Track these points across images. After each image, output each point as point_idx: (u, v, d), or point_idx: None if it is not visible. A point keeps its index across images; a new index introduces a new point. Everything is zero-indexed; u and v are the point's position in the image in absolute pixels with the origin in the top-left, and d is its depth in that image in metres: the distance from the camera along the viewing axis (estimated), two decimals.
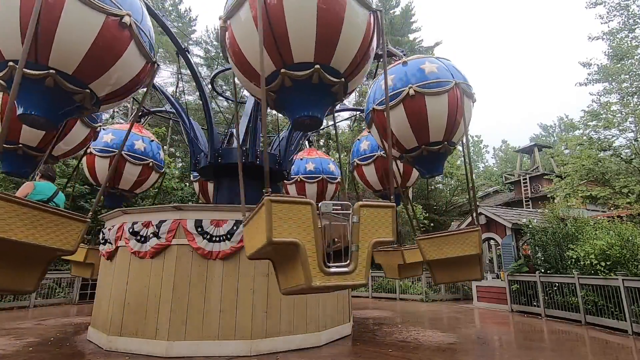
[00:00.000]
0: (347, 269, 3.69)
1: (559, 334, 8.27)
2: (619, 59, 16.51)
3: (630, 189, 13.66)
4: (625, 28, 16.62)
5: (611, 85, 17.38)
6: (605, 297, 8.84)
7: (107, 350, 6.37)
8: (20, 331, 8.01)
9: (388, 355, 6.23)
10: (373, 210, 4.06)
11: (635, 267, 9.15)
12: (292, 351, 6.41)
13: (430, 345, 7.01)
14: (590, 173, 15.24)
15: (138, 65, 4.92)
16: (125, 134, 5.52)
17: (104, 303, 7.09)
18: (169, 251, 6.58)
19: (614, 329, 8.43)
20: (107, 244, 7.48)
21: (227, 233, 6.55)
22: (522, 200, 26.53)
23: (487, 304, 12.50)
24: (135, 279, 6.70)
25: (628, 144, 15.56)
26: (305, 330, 6.78)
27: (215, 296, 6.36)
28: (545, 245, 11.36)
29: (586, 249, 9.89)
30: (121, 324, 6.50)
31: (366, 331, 8.36)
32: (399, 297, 14.87)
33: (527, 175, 27.35)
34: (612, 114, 15.96)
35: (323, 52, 4.46)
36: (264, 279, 6.62)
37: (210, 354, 6.04)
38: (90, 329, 7.46)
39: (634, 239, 9.70)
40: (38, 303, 12.12)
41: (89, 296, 13.14)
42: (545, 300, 10.45)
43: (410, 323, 9.47)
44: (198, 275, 6.43)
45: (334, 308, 7.57)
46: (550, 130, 52.89)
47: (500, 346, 7.34)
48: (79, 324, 9.05)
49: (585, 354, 6.78)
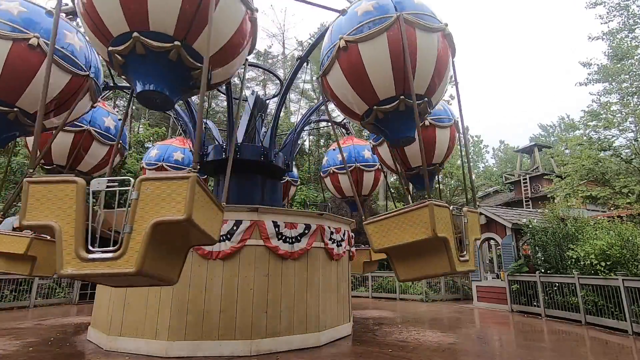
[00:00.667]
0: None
1: (559, 334, 8.27)
2: (619, 59, 16.52)
3: (630, 189, 13.66)
4: (625, 28, 16.63)
5: (611, 85, 17.39)
6: (605, 297, 8.84)
7: (107, 350, 6.37)
8: (20, 331, 8.01)
9: (388, 355, 6.23)
10: (472, 214, 4.96)
11: (635, 267, 9.15)
12: (292, 351, 6.41)
13: (430, 345, 7.01)
14: (590, 173, 15.24)
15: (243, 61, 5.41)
16: None
17: (104, 303, 7.09)
18: None
19: (614, 329, 8.43)
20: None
21: (227, 233, 6.55)
22: (522, 200, 26.53)
23: (487, 304, 12.51)
24: None
25: (628, 144, 15.57)
26: (305, 330, 6.78)
27: (215, 296, 6.36)
28: (545, 245, 11.36)
29: (586, 249, 9.90)
30: (121, 324, 6.50)
31: (366, 331, 8.36)
32: (399, 297, 14.87)
33: (527, 175, 27.35)
34: (612, 114, 15.97)
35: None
36: (264, 279, 6.62)
37: (210, 354, 6.04)
38: (90, 329, 7.46)
39: (634, 239, 9.70)
40: (38, 303, 12.12)
41: (89, 296, 13.14)
42: (545, 300, 10.45)
43: (410, 323, 9.47)
44: (198, 275, 6.43)
45: (334, 308, 7.57)
46: (551, 130, 52.87)
47: (500, 346, 7.34)
48: (79, 324, 9.05)
49: (585, 354, 6.78)
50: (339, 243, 7.93)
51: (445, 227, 4.42)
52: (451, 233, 4.49)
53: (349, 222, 8.89)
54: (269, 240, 6.72)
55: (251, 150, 8.33)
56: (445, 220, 4.44)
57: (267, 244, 6.71)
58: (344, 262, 8.45)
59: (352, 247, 9.18)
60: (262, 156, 8.22)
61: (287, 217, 7.09)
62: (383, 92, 5.30)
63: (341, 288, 8.05)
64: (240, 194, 8.34)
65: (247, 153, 8.25)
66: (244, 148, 8.31)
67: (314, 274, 7.24)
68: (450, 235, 4.47)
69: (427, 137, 7.57)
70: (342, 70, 5.39)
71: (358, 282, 16.46)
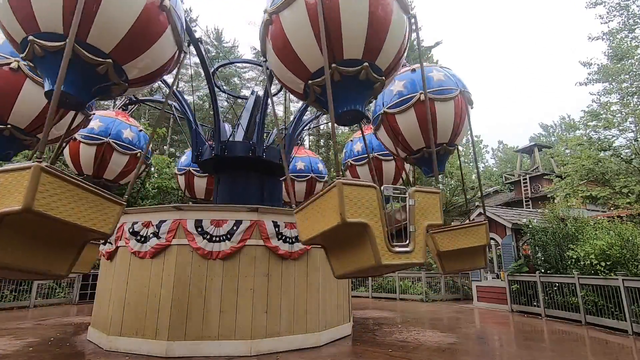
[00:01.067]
0: (408, 249, 4.08)
1: (559, 334, 8.27)
2: (619, 59, 16.51)
3: (630, 189, 13.65)
4: (625, 28, 16.62)
5: (611, 85, 17.38)
6: (605, 297, 8.84)
7: (107, 350, 6.37)
8: (20, 331, 8.01)
9: (388, 355, 6.23)
10: (425, 195, 4.58)
11: (635, 267, 9.15)
12: (292, 351, 6.41)
13: (430, 345, 7.01)
14: (590, 173, 15.23)
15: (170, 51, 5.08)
16: None
17: (104, 303, 7.09)
18: (169, 251, 6.58)
19: (614, 329, 8.43)
20: (107, 244, 7.48)
21: (227, 233, 6.56)
22: (522, 200, 26.54)
23: (487, 304, 12.50)
24: (135, 279, 6.70)
25: (628, 144, 15.56)
26: (305, 330, 6.78)
27: (215, 296, 6.36)
28: (545, 245, 11.36)
29: (586, 249, 9.89)
30: (121, 324, 6.50)
31: (366, 331, 8.36)
32: (399, 297, 14.86)
33: (527, 175, 27.35)
34: (612, 114, 15.96)
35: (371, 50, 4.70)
36: (264, 279, 6.62)
37: (210, 354, 6.04)
38: (90, 329, 7.46)
39: (634, 239, 9.70)
40: (38, 303, 12.12)
41: (89, 296, 13.14)
42: (545, 300, 10.45)
43: (410, 323, 9.47)
44: (198, 275, 6.43)
45: (334, 308, 7.57)
46: (551, 130, 52.86)
47: (500, 346, 7.34)
48: (79, 324, 9.05)
49: (585, 354, 6.78)
50: None
51: (367, 210, 3.87)
52: (377, 218, 3.89)
53: None
54: (269, 240, 6.73)
55: (239, 147, 8.34)
56: (367, 203, 3.89)
57: (267, 244, 6.71)
58: None
59: None
60: (249, 151, 8.22)
61: (287, 217, 7.09)
62: (312, 64, 4.84)
63: (341, 288, 8.05)
64: (237, 192, 8.38)
65: (235, 150, 8.27)
66: (231, 145, 8.32)
67: (314, 274, 7.24)
68: (376, 221, 3.88)
69: (424, 114, 6.43)
70: (273, 47, 5.08)
71: (358, 282, 16.46)
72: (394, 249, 3.95)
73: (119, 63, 4.53)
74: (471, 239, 6.38)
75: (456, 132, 7.16)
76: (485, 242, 6.40)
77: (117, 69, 4.53)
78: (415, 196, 4.39)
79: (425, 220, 4.39)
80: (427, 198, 4.51)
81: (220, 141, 8.30)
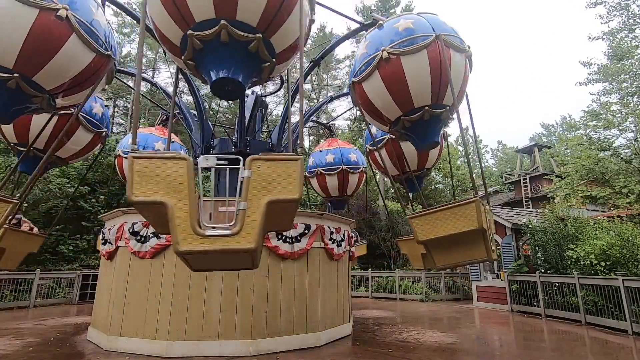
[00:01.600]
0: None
1: (559, 334, 8.27)
2: (619, 59, 16.51)
3: (630, 189, 13.66)
4: (625, 28, 16.62)
5: (611, 85, 17.39)
6: (605, 297, 8.84)
7: (107, 350, 6.36)
8: (20, 331, 8.01)
9: (388, 355, 6.23)
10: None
11: (635, 267, 9.15)
12: (292, 351, 6.41)
13: (430, 345, 7.01)
14: (590, 173, 15.24)
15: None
16: None
17: (104, 303, 7.09)
18: (169, 251, 6.57)
19: (614, 329, 8.43)
20: (107, 244, 7.48)
21: None
22: (522, 200, 26.55)
23: (487, 304, 12.51)
24: (135, 279, 6.69)
25: (628, 144, 15.57)
26: (305, 330, 6.78)
27: (215, 296, 6.36)
28: (545, 245, 11.36)
29: (586, 249, 9.89)
30: (121, 324, 6.50)
31: (366, 331, 8.36)
32: (399, 297, 14.87)
33: (527, 175, 27.36)
34: (612, 114, 15.97)
35: None
36: (264, 279, 6.62)
37: (210, 354, 6.04)
38: (90, 329, 7.46)
39: (634, 239, 9.70)
40: (38, 303, 12.12)
41: (89, 296, 13.13)
42: (545, 300, 10.45)
43: (410, 323, 9.47)
44: (198, 275, 6.43)
45: (334, 308, 7.57)
46: (552, 130, 52.86)
47: (500, 346, 7.34)
48: (79, 324, 9.05)
49: (585, 354, 6.78)
50: (339, 243, 7.93)
51: (485, 220, 4.95)
52: (487, 225, 4.93)
53: (349, 222, 8.89)
54: (269, 240, 6.72)
55: (259, 146, 8.35)
56: (484, 215, 4.97)
57: (267, 244, 6.71)
58: (344, 262, 8.46)
59: (353, 246, 9.19)
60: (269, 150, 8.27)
61: None
62: (418, 102, 5.85)
63: (341, 288, 8.05)
64: None
65: (257, 148, 8.30)
66: (254, 143, 8.35)
67: (314, 274, 7.24)
68: (487, 228, 4.94)
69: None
70: (382, 78, 5.84)
71: (358, 282, 16.47)
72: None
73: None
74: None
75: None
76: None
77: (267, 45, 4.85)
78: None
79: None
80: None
81: (244, 138, 8.22)
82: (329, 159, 11.67)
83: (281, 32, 4.95)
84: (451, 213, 5.14)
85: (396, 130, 6.41)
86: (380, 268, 18.85)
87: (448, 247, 5.38)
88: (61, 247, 15.35)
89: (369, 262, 18.86)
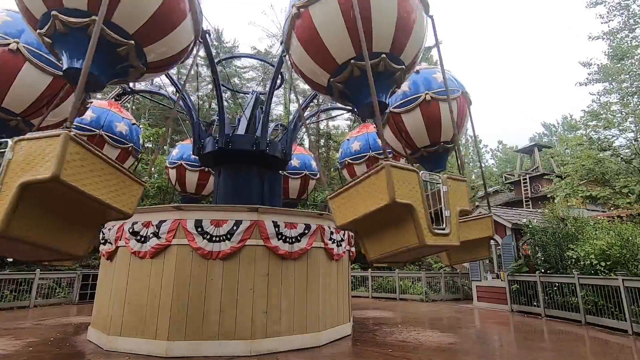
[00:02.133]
0: (446, 231, 4.26)
1: (559, 334, 8.27)
2: (619, 59, 16.49)
3: (630, 189, 13.65)
4: (625, 28, 16.60)
5: (611, 85, 17.37)
6: (605, 297, 8.84)
7: (107, 350, 6.36)
8: (20, 331, 8.01)
9: (388, 355, 6.22)
10: (455, 182, 4.73)
11: (635, 267, 9.15)
12: (292, 351, 6.41)
13: (430, 345, 7.00)
14: (590, 173, 15.24)
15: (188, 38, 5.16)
16: None
17: (104, 303, 7.09)
18: (169, 251, 6.58)
19: (614, 329, 8.43)
20: (107, 244, 7.48)
21: (227, 233, 6.55)
22: (522, 200, 26.53)
23: (487, 304, 12.50)
24: (135, 279, 6.69)
25: (628, 144, 15.56)
26: (305, 330, 6.78)
27: (215, 296, 6.36)
28: (545, 245, 11.36)
29: (586, 249, 9.89)
30: (121, 324, 6.50)
31: (366, 331, 8.36)
32: (399, 297, 14.86)
33: (527, 175, 27.35)
34: (612, 114, 15.97)
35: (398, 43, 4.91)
36: (264, 279, 6.62)
37: (210, 354, 6.04)
38: (90, 329, 7.46)
39: (634, 239, 9.69)
40: (38, 303, 12.12)
41: (89, 296, 13.12)
42: (545, 300, 10.44)
43: (410, 323, 9.46)
44: (198, 275, 6.43)
45: (334, 308, 7.57)
46: (553, 130, 52.82)
47: (500, 346, 7.34)
48: (79, 324, 9.05)
49: (585, 354, 6.78)
50: (339, 243, 7.93)
51: (411, 193, 3.96)
52: (420, 200, 4.01)
53: None
54: (269, 240, 6.72)
55: (242, 140, 8.36)
56: (410, 186, 3.99)
57: (267, 244, 6.71)
58: (344, 262, 8.45)
59: (352, 246, 9.19)
60: (254, 145, 8.24)
61: (287, 217, 7.09)
62: (340, 56, 4.98)
63: (341, 288, 8.05)
64: (238, 185, 8.40)
65: (238, 143, 8.29)
66: (235, 138, 8.34)
67: (314, 274, 7.24)
68: (419, 203, 3.99)
69: (430, 113, 7.28)
70: (299, 39, 5.21)
71: (358, 282, 16.46)
72: (435, 231, 4.15)
73: (141, 45, 4.56)
74: (477, 231, 6.37)
75: (458, 131, 7.58)
76: (490, 233, 6.53)
77: (138, 52, 4.56)
78: (447, 182, 4.61)
79: (457, 205, 4.60)
80: (456, 185, 4.74)
81: (225, 134, 8.32)
82: (355, 147, 10.93)
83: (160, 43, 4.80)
84: (363, 186, 4.25)
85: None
86: (380, 268, 18.83)
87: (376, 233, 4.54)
88: None
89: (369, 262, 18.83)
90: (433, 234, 4.11)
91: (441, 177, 4.63)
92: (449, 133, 7.38)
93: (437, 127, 7.35)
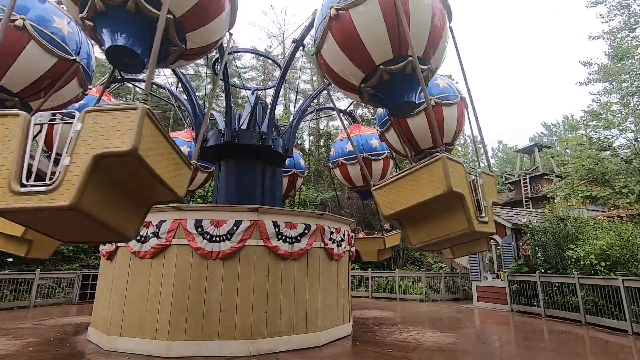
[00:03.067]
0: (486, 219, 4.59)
1: (559, 334, 8.27)
2: (619, 59, 16.48)
3: (630, 189, 13.64)
4: (625, 27, 16.58)
5: (611, 85, 17.36)
6: (605, 297, 8.84)
7: (107, 350, 6.36)
8: (20, 331, 8.01)
9: (388, 355, 6.23)
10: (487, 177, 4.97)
11: (635, 267, 9.14)
12: (292, 351, 6.41)
13: (431, 345, 7.00)
14: (590, 173, 15.22)
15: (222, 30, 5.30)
16: None
17: (104, 303, 7.09)
18: (169, 251, 6.58)
19: (614, 329, 8.43)
20: (106, 244, 7.48)
21: (227, 233, 6.55)
22: (522, 200, 26.54)
23: (487, 304, 12.50)
24: (135, 279, 6.69)
25: (628, 144, 15.55)
26: (305, 330, 6.78)
27: (215, 296, 6.35)
28: (545, 245, 11.36)
29: (586, 249, 9.89)
30: (121, 324, 6.50)
31: (366, 331, 8.36)
32: (399, 297, 14.86)
33: (527, 175, 27.35)
34: (612, 114, 15.95)
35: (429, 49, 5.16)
36: (264, 279, 6.62)
37: (210, 354, 6.04)
38: (90, 329, 7.46)
39: (634, 239, 9.69)
40: (38, 303, 12.12)
41: (89, 296, 13.13)
42: (545, 300, 10.44)
43: (410, 323, 9.46)
44: (198, 275, 6.43)
45: (334, 308, 7.57)
46: (554, 129, 52.81)
47: (500, 346, 7.34)
48: (79, 324, 9.05)
49: (585, 354, 6.78)
50: (338, 243, 7.93)
51: (461, 182, 4.25)
52: (467, 189, 4.34)
53: (349, 222, 8.89)
54: (269, 240, 6.72)
55: (249, 135, 8.41)
56: (460, 176, 4.28)
57: (267, 244, 6.71)
58: (344, 262, 8.46)
59: (352, 246, 9.20)
60: (259, 140, 8.33)
61: (287, 217, 7.09)
62: (379, 56, 5.16)
63: (341, 288, 8.05)
64: (241, 179, 8.45)
65: (244, 137, 8.36)
66: (242, 133, 8.41)
67: (314, 274, 7.23)
68: (467, 191, 4.30)
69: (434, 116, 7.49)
70: (336, 40, 5.30)
71: (358, 282, 16.46)
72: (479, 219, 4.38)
73: (184, 29, 4.63)
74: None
75: (457, 134, 8.15)
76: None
77: (180, 34, 4.63)
78: (483, 176, 4.84)
79: (490, 197, 4.85)
80: (488, 179, 5.02)
81: (231, 128, 8.37)
82: (349, 147, 11.15)
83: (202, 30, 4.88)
84: (415, 177, 4.36)
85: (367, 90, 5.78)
86: (380, 268, 18.82)
87: (422, 221, 4.66)
88: (61, 247, 15.34)
89: (368, 262, 18.85)
90: (478, 221, 4.40)
91: (478, 171, 4.91)
92: (449, 136, 7.95)
93: (440, 130, 7.64)
